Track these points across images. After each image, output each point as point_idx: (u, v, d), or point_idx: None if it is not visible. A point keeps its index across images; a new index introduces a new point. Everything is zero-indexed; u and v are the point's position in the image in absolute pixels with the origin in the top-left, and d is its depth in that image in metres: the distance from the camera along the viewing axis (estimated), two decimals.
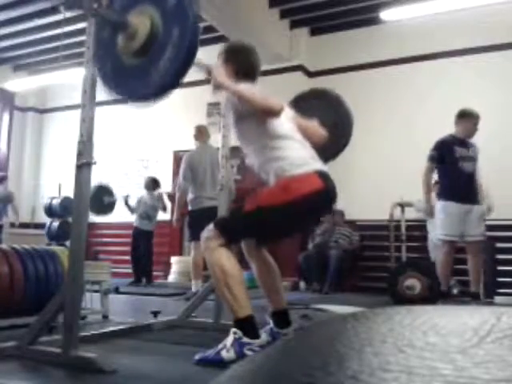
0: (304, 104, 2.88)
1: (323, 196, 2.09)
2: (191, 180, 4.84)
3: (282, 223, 2.13)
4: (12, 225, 8.06)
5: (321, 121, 2.50)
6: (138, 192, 8.48)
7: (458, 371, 0.31)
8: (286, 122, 2.22)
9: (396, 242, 6.19)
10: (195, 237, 4.56)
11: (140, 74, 1.99)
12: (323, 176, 2.10)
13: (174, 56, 1.88)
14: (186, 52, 1.88)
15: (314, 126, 2.43)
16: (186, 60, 1.90)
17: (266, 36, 6.87)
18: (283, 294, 2.38)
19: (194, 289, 4.70)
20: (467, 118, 4.36)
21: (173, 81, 1.91)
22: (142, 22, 1.99)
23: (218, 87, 2.18)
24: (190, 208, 4.92)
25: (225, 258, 2.06)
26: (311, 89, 3.26)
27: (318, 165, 2.15)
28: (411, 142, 6.63)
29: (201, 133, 5.13)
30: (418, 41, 6.74)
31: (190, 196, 4.87)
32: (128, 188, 8.71)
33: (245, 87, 2.12)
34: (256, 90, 2.14)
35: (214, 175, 4.64)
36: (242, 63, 2.31)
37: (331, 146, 2.58)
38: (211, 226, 2.13)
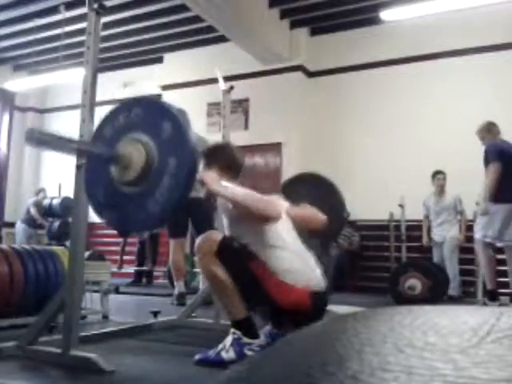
0: (297, 188, 2.90)
1: (306, 313, 2.00)
2: None
3: (259, 298, 2.06)
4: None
5: (315, 205, 2.49)
6: None
7: (457, 371, 0.31)
8: (283, 225, 2.16)
9: (396, 242, 6.20)
10: (172, 234, 4.32)
11: (135, 205, 1.90)
12: (314, 298, 2.05)
13: (172, 187, 1.81)
14: (183, 184, 1.82)
15: (313, 211, 2.40)
16: (184, 191, 1.84)
17: (266, 36, 6.87)
18: None
19: (176, 291, 4.30)
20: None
21: (170, 212, 1.85)
22: (136, 152, 1.89)
23: (212, 194, 2.15)
24: None
25: (218, 265, 2.04)
26: (304, 173, 3.24)
27: (312, 281, 2.09)
28: (411, 142, 6.63)
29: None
30: (417, 41, 6.74)
31: None
32: None
33: (241, 192, 2.09)
34: (250, 192, 2.11)
35: None
36: (224, 161, 2.30)
37: (330, 227, 2.56)
38: (213, 235, 2.11)
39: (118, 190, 1.97)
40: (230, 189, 2.08)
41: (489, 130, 4.70)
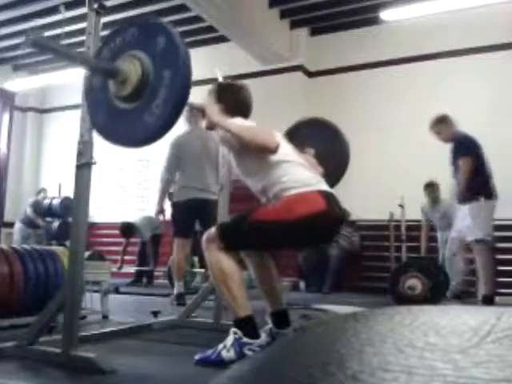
0: (300, 133, 2.90)
1: (327, 217, 2.04)
2: (177, 168, 4.28)
3: (283, 241, 2.13)
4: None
5: (317, 151, 2.49)
6: (137, 193, 8.52)
7: (458, 371, 0.31)
8: (286, 147, 2.20)
9: (396, 242, 6.19)
10: (177, 233, 4.26)
11: (134, 118, 1.97)
12: (328, 197, 2.06)
13: (167, 98, 1.85)
14: (178, 93, 1.86)
15: (311, 162, 2.40)
16: (180, 101, 1.87)
17: (266, 36, 6.87)
18: (281, 294, 2.37)
19: (176, 291, 4.25)
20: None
21: (167, 123, 1.89)
22: (132, 67, 1.96)
23: (212, 126, 2.20)
24: (174, 199, 4.40)
25: (225, 259, 2.06)
26: (309, 118, 3.26)
27: (322, 186, 2.12)
28: (412, 141, 6.63)
29: (193, 113, 4.37)
30: (417, 41, 6.74)
31: (175, 187, 4.35)
32: (128, 188, 8.73)
33: (238, 125, 2.12)
34: (250, 126, 2.15)
35: (203, 163, 4.15)
36: (234, 102, 2.31)
37: (328, 176, 2.57)
38: (214, 231, 2.13)
39: (116, 108, 2.03)
40: (229, 121, 2.13)
41: (445, 121, 4.48)
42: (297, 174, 2.10)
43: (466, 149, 4.33)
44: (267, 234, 2.07)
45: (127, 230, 6.89)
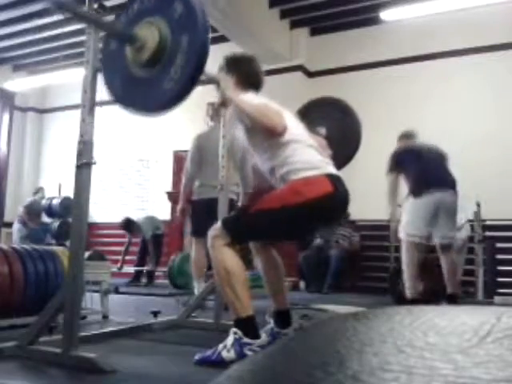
0: (313, 112, 2.90)
1: (334, 200, 2.05)
2: (199, 165, 4.19)
3: (290, 226, 2.13)
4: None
5: (329, 130, 2.49)
6: (137, 193, 8.51)
7: (458, 371, 0.31)
8: (297, 127, 2.20)
9: (396, 242, 6.18)
10: (196, 232, 4.15)
11: (151, 84, 1.97)
12: (334, 180, 2.07)
13: (185, 63, 1.86)
14: (197, 58, 1.87)
15: (320, 143, 2.40)
16: (198, 66, 1.88)
17: (266, 36, 6.87)
18: (286, 293, 2.39)
19: (196, 291, 4.07)
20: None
21: (185, 88, 1.90)
22: (150, 33, 1.98)
23: (225, 101, 2.21)
24: (194, 197, 4.32)
25: (229, 257, 2.06)
26: (322, 97, 3.27)
27: (329, 168, 2.12)
28: None
29: (217, 112, 4.22)
30: (417, 41, 6.74)
31: (196, 184, 4.26)
32: (128, 188, 8.73)
33: (248, 102, 2.11)
34: (260, 104, 2.12)
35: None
36: (245, 73, 2.30)
37: (337, 157, 2.57)
38: (219, 224, 2.13)
39: (134, 75, 2.04)
40: (241, 97, 2.12)
41: (399, 139, 4.80)
42: (305, 155, 2.10)
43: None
44: (274, 221, 2.07)
45: (129, 224, 6.89)
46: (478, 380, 0.30)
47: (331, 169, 2.13)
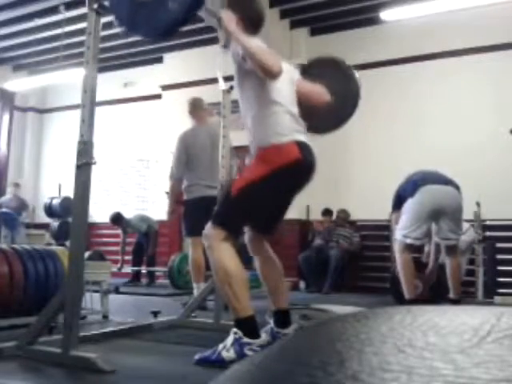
0: (315, 70, 2.91)
1: (300, 166, 2.13)
2: (186, 165, 4.09)
3: (266, 197, 2.16)
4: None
5: (329, 89, 2.51)
6: (137, 192, 8.50)
7: (458, 371, 0.31)
8: (285, 88, 2.24)
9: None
10: (191, 231, 3.99)
11: (156, 6, 2.01)
12: (302, 147, 2.14)
13: None
14: None
15: (320, 89, 2.44)
16: None
17: (265, 36, 6.86)
18: (286, 293, 2.38)
19: (196, 292, 3.87)
20: None
21: (190, 8, 1.94)
22: None
23: (227, 35, 2.21)
24: (184, 197, 4.19)
25: (227, 258, 2.06)
26: (324, 56, 3.28)
27: (301, 137, 2.18)
28: (411, 142, 6.63)
29: (195, 107, 4.24)
30: (418, 41, 6.74)
31: (184, 183, 4.14)
32: (128, 188, 8.73)
33: (250, 40, 2.12)
34: (262, 45, 2.14)
35: (213, 160, 3.83)
36: (247, 10, 2.31)
37: (335, 115, 2.62)
38: (209, 223, 2.14)
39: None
40: (243, 35, 2.12)
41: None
42: (279, 120, 2.16)
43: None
44: (252, 197, 2.12)
45: (118, 218, 6.91)
46: (478, 380, 0.30)
47: (301, 137, 2.19)
